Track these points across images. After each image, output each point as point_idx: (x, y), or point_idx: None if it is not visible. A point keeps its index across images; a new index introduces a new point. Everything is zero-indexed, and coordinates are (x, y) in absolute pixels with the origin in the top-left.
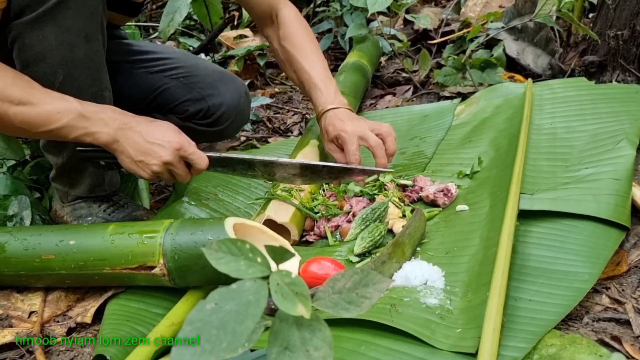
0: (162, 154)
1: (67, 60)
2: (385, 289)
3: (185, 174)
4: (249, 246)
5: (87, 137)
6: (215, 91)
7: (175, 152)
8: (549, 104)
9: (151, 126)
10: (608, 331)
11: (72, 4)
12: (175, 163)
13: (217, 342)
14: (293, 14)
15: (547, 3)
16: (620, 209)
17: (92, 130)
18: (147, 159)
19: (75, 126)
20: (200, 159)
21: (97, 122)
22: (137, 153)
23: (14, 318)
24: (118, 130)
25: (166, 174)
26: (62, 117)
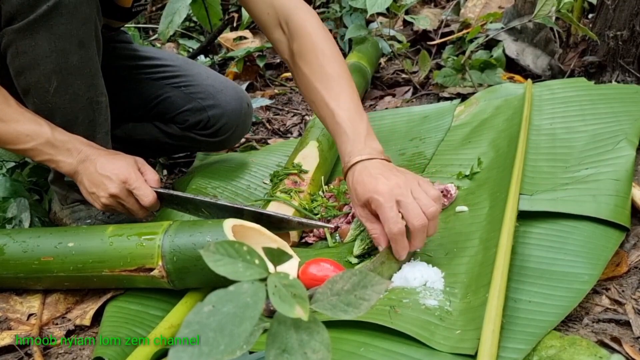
0: (109, 187)
1: (61, 67)
2: (384, 291)
3: (137, 208)
4: (246, 248)
5: (51, 164)
6: (216, 102)
7: (121, 185)
8: (548, 104)
9: (107, 159)
10: (608, 332)
11: (64, 10)
12: (123, 197)
13: (215, 344)
14: (310, 22)
15: (546, 4)
16: (620, 210)
17: (57, 158)
18: (97, 190)
19: (42, 151)
20: (144, 195)
21: (63, 151)
22: (90, 185)
23: (13, 320)
24: (80, 162)
25: (119, 207)
26: (30, 140)
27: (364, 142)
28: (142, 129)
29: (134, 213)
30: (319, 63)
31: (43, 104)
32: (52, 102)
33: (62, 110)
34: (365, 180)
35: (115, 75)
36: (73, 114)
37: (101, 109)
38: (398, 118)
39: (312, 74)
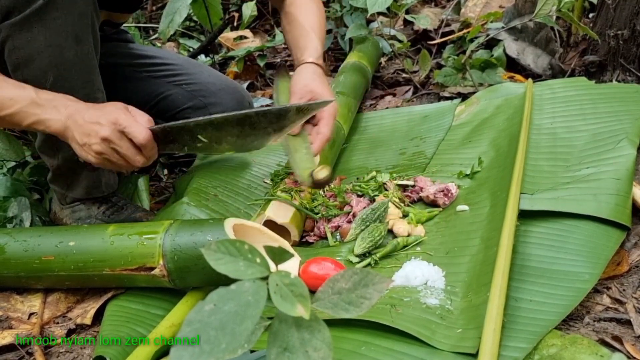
0: (99, 131)
1: (57, 61)
2: (385, 290)
3: (132, 153)
4: (247, 247)
5: (39, 125)
6: (217, 100)
7: (112, 127)
8: (549, 103)
9: (95, 107)
10: (609, 331)
11: (60, 4)
12: (116, 139)
13: (216, 343)
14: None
15: (547, 3)
16: (620, 209)
17: (44, 117)
18: (89, 139)
19: (28, 112)
20: (137, 132)
21: (50, 109)
22: (81, 136)
23: (14, 319)
24: (68, 117)
25: (113, 155)
26: (14, 104)
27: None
28: None
29: (130, 160)
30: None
31: None
32: None
33: None
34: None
35: (116, 74)
36: None
37: None
38: (399, 117)
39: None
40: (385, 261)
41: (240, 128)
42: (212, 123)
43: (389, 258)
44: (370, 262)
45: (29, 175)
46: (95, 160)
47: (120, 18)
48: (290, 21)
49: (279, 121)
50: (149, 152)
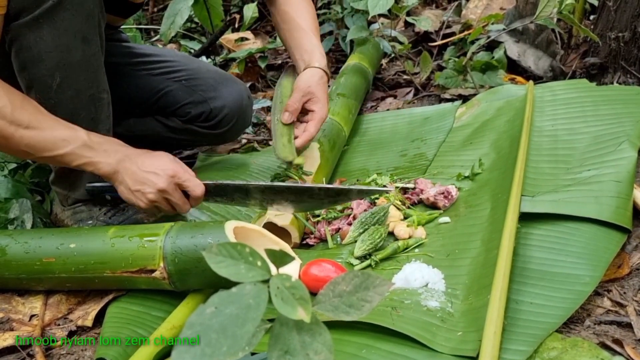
0: (157, 182)
1: (64, 62)
2: (386, 292)
3: (183, 202)
4: (249, 250)
5: (89, 167)
6: (217, 94)
7: (170, 180)
8: (550, 106)
9: (148, 156)
10: (610, 334)
11: (68, 5)
12: (171, 191)
13: (217, 345)
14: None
15: (548, 5)
16: (621, 211)
17: (95, 160)
18: (143, 187)
19: (79, 155)
20: (195, 186)
21: (101, 153)
22: (134, 182)
23: (15, 321)
24: (119, 162)
25: (163, 203)
26: (67, 145)
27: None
28: (144, 125)
29: (179, 208)
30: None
31: (45, 100)
32: (54, 99)
33: (65, 106)
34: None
35: (115, 73)
36: (75, 110)
37: (103, 106)
38: (399, 119)
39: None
40: (386, 263)
41: (299, 196)
42: (272, 188)
43: (389, 260)
44: (370, 264)
45: (30, 176)
46: (145, 205)
47: (118, 21)
48: (287, 20)
49: (337, 196)
50: (198, 202)
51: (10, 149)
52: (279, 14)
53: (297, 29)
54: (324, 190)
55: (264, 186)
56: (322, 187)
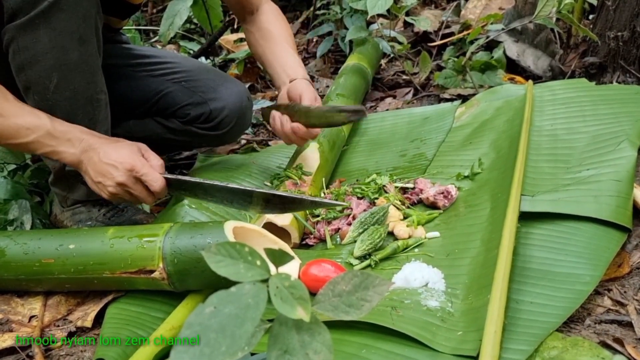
0: (115, 175)
1: (61, 63)
2: (386, 292)
3: (145, 195)
4: (248, 249)
5: (54, 155)
6: (217, 95)
7: (127, 173)
8: (549, 105)
9: (110, 147)
10: (610, 333)
11: (64, 6)
12: (131, 184)
13: (217, 345)
14: (276, 9)
15: (547, 5)
16: (621, 211)
17: (59, 149)
18: (104, 180)
19: (43, 143)
20: (153, 180)
21: (64, 142)
22: (96, 174)
23: (14, 322)
24: (83, 151)
25: (126, 195)
26: (30, 133)
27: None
28: (143, 126)
29: (142, 200)
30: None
31: (43, 101)
32: (52, 99)
33: (62, 107)
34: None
35: (114, 74)
36: (73, 112)
37: (101, 107)
38: (399, 119)
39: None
40: (386, 263)
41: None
42: (230, 190)
43: (389, 260)
44: (370, 263)
45: (30, 178)
46: (107, 197)
47: (117, 23)
48: (269, 38)
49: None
50: (160, 195)
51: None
52: (259, 31)
53: (279, 46)
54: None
55: (218, 186)
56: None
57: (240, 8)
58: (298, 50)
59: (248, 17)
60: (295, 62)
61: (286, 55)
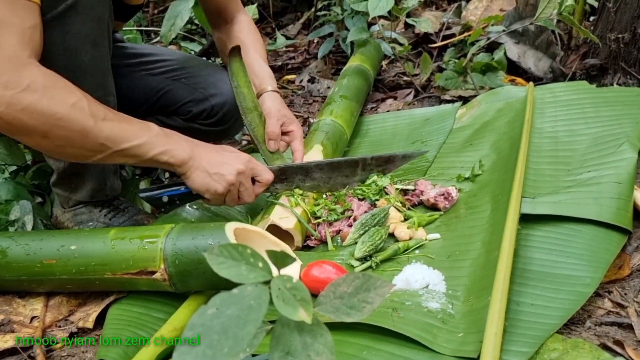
0: (236, 164)
1: (72, 65)
2: (387, 294)
3: (251, 190)
4: (250, 251)
5: (164, 155)
6: (218, 91)
7: (247, 164)
8: (550, 107)
9: (218, 146)
10: (610, 335)
11: (80, 9)
12: (247, 174)
13: (219, 347)
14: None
15: (547, 6)
16: (622, 213)
17: (171, 147)
18: (222, 169)
19: (156, 143)
20: (265, 171)
21: (175, 140)
22: (213, 166)
23: (16, 323)
24: (192, 148)
25: (235, 189)
26: (143, 134)
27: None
28: None
29: (247, 195)
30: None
31: None
32: None
33: None
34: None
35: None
36: None
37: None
38: (400, 120)
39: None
40: (387, 264)
41: (353, 169)
42: (331, 164)
43: (390, 261)
44: (371, 265)
45: (31, 178)
46: (222, 188)
47: (119, 26)
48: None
49: (386, 164)
50: (260, 191)
51: (87, 143)
52: (229, 39)
53: (248, 55)
54: (375, 158)
55: (323, 162)
56: (373, 156)
57: (217, 16)
58: (299, 52)
59: (223, 25)
60: (264, 72)
61: (255, 64)
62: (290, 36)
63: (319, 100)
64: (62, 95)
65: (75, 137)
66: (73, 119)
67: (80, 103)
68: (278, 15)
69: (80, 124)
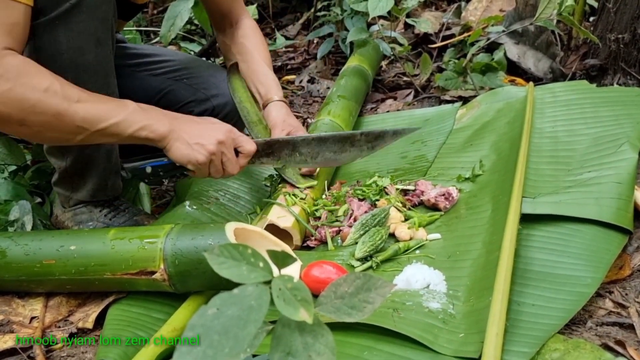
0: (215, 134)
1: (76, 63)
2: (388, 294)
3: (234, 161)
4: (251, 251)
5: (143, 131)
6: (219, 91)
7: (228, 134)
8: (550, 107)
9: (199, 118)
10: (612, 335)
11: (85, 8)
12: (228, 144)
13: (219, 347)
14: (254, 25)
15: (547, 7)
16: (622, 213)
17: (149, 122)
18: (202, 140)
19: (133, 120)
20: (247, 141)
21: (153, 115)
22: (193, 137)
23: (15, 323)
24: (171, 120)
25: (218, 159)
26: (120, 112)
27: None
28: None
29: (229, 167)
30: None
31: None
32: None
33: None
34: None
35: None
36: None
37: None
38: (399, 121)
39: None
40: (387, 265)
41: (341, 145)
42: (318, 139)
43: (390, 262)
44: (371, 265)
45: (31, 178)
46: (203, 158)
47: (120, 26)
48: (244, 52)
49: (375, 140)
50: (245, 162)
51: (64, 127)
52: (235, 45)
53: (253, 62)
54: (365, 134)
55: (310, 137)
56: (363, 132)
57: (221, 19)
58: (299, 52)
59: (227, 29)
60: (269, 80)
61: (260, 72)
62: (289, 36)
63: (318, 100)
64: (34, 81)
65: (51, 121)
66: (46, 104)
67: (52, 87)
68: (277, 16)
69: (54, 108)
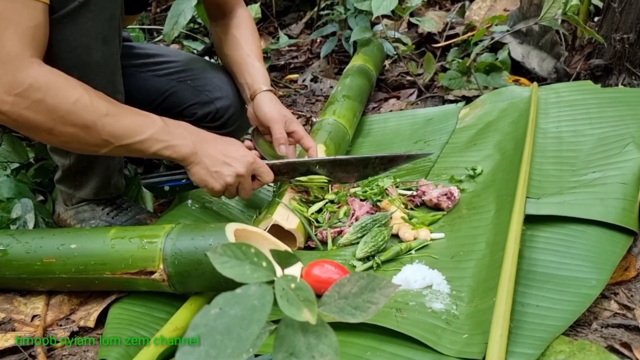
0: (237, 167)
1: (83, 61)
2: (392, 294)
3: (250, 188)
4: (254, 250)
5: (167, 151)
6: (223, 93)
7: (249, 166)
8: (554, 107)
9: (225, 141)
10: (617, 337)
11: (93, 6)
12: (247, 176)
13: (222, 347)
14: (248, 15)
15: (552, 6)
16: (627, 214)
17: (174, 143)
18: (223, 169)
19: (158, 139)
20: (267, 174)
21: (178, 135)
22: (214, 164)
23: (17, 322)
24: (196, 143)
25: (234, 187)
26: (146, 130)
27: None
28: None
29: (244, 193)
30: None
31: None
32: None
33: None
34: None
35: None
36: None
37: None
38: (402, 120)
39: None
40: (389, 265)
41: (356, 166)
42: (333, 162)
43: (392, 262)
44: (372, 265)
45: (33, 176)
46: (219, 187)
47: (127, 21)
48: (235, 47)
49: (389, 163)
50: (258, 187)
51: (90, 139)
52: (226, 36)
53: (244, 56)
54: (379, 159)
55: (326, 160)
56: (377, 156)
57: (215, 9)
58: (302, 51)
59: (220, 19)
60: (256, 71)
61: (248, 63)
62: (293, 35)
63: (321, 99)
64: (63, 92)
65: (78, 133)
66: (76, 116)
67: (82, 99)
68: (281, 15)
69: (83, 121)
